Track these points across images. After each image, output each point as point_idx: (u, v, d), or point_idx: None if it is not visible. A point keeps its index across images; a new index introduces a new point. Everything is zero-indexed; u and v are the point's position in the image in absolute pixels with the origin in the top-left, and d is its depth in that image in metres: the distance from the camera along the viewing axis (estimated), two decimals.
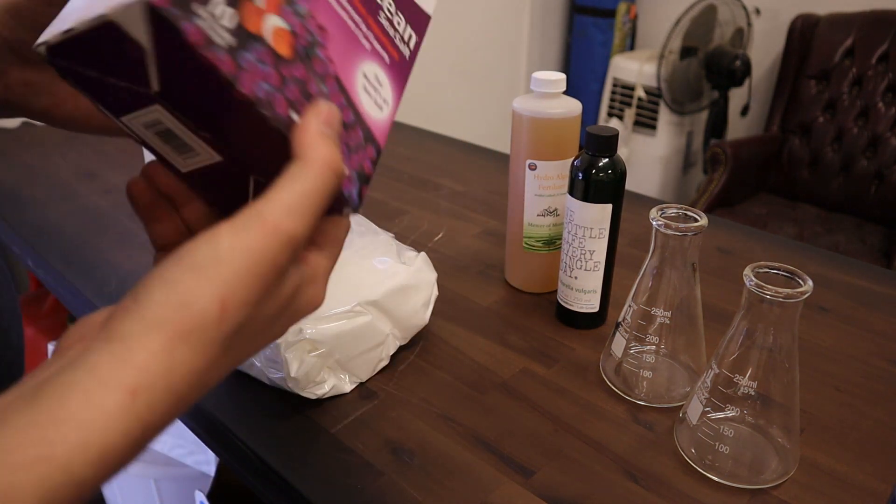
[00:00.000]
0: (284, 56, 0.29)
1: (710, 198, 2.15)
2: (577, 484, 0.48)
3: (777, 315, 0.45)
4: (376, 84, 0.35)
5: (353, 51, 0.34)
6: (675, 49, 2.35)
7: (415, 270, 0.61)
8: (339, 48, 0.33)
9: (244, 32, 0.28)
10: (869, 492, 0.48)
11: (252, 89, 0.28)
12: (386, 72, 0.36)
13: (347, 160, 0.33)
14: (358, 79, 0.34)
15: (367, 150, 0.34)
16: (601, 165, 0.58)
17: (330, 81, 0.32)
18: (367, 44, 0.35)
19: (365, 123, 0.34)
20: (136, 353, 0.25)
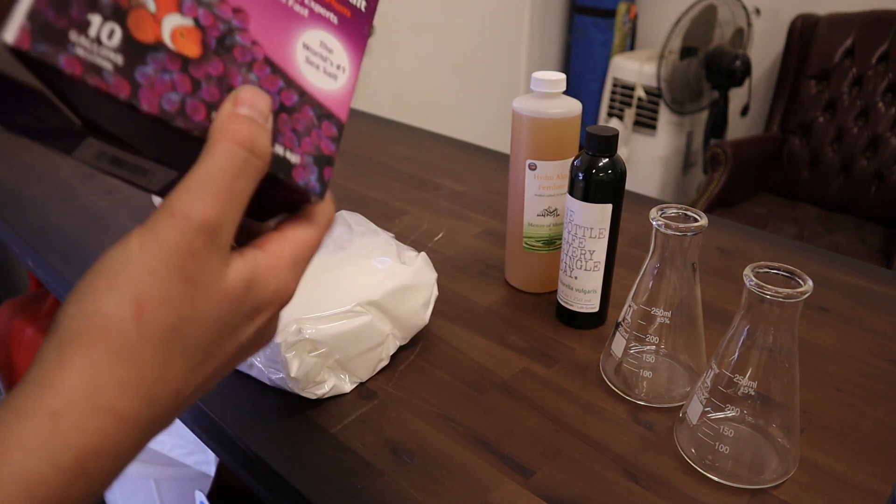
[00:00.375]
0: (192, 56, 0.27)
1: (710, 198, 2.15)
2: (577, 484, 0.48)
3: (777, 315, 0.45)
4: (323, 52, 0.32)
5: (287, 23, 0.30)
6: (675, 49, 2.35)
7: (415, 270, 0.61)
8: (266, 26, 0.30)
9: (136, 45, 0.25)
10: (869, 492, 0.48)
11: (157, 104, 0.26)
12: (336, 34, 0.32)
13: (296, 146, 0.31)
14: (297, 53, 0.31)
15: (322, 128, 0.32)
16: (601, 165, 0.58)
17: (259, 66, 0.29)
18: (303, 10, 0.31)
19: (315, 100, 0.31)
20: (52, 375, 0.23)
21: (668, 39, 2.34)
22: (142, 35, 0.26)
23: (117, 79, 0.25)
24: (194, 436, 0.59)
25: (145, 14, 0.26)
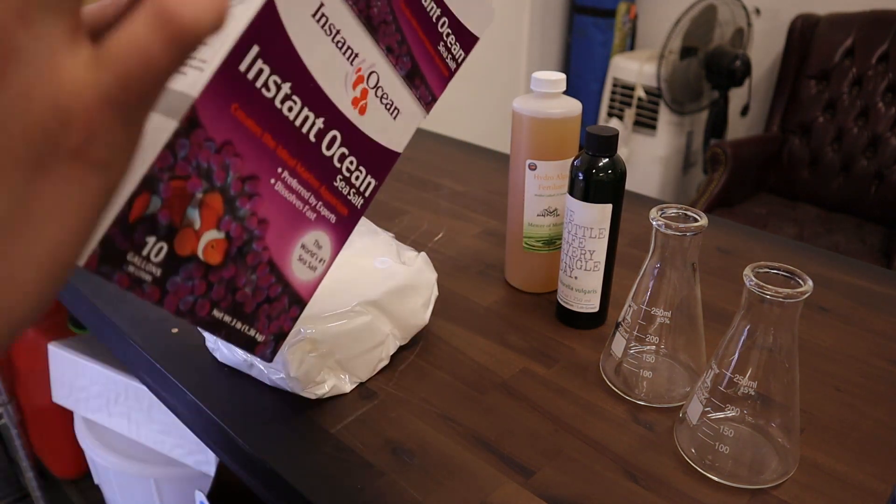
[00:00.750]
0: (214, 264, 0.31)
1: (710, 198, 2.15)
2: (577, 484, 0.48)
3: (777, 315, 0.45)
4: (314, 249, 0.37)
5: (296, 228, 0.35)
6: (675, 49, 2.35)
7: (415, 270, 0.61)
8: (279, 232, 0.34)
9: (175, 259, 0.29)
10: (869, 492, 0.48)
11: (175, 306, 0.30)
12: (329, 232, 0.37)
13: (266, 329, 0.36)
14: (294, 253, 0.36)
15: (290, 311, 0.37)
16: (601, 165, 0.58)
17: (262, 268, 0.34)
18: (312, 215, 0.36)
19: (293, 290, 0.36)
20: None
21: (668, 39, 2.34)
22: (182, 250, 0.30)
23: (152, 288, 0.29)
24: (194, 436, 0.59)
25: (190, 232, 0.30)
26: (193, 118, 0.28)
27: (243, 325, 0.35)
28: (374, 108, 0.36)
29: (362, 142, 0.36)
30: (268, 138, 0.31)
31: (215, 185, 0.30)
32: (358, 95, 0.35)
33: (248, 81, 0.30)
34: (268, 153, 0.32)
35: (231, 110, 0.29)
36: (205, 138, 0.29)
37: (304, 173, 0.34)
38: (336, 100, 0.34)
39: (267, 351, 0.37)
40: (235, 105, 0.29)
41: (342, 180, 0.36)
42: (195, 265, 0.31)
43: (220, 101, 0.29)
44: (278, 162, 0.32)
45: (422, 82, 0.39)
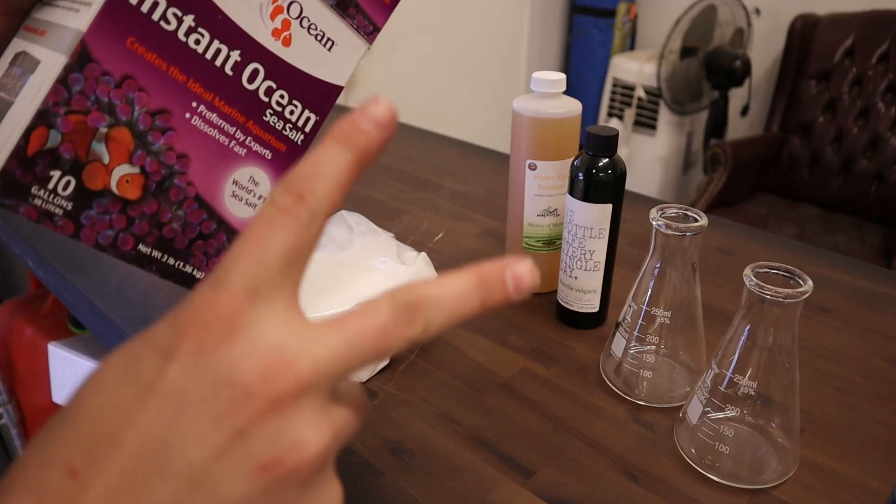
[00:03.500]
0: (132, 199, 0.32)
1: (710, 198, 2.15)
2: (577, 484, 0.48)
3: (777, 315, 0.45)
4: (251, 185, 0.36)
5: (223, 164, 0.35)
6: (675, 49, 2.35)
7: (415, 270, 0.61)
8: (204, 167, 0.34)
9: (86, 193, 0.30)
10: (869, 492, 0.48)
11: (93, 239, 0.31)
12: (266, 169, 0.37)
13: (204, 265, 0.36)
14: (226, 188, 0.35)
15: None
16: (601, 165, 0.58)
17: (188, 203, 0.34)
18: (242, 150, 0.35)
19: (230, 227, 0.36)
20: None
21: (668, 39, 2.34)
22: (92, 184, 0.30)
23: (65, 221, 0.30)
24: None
25: (99, 166, 0.30)
26: (84, 52, 0.28)
27: (176, 262, 0.35)
28: (302, 39, 0.35)
29: (291, 75, 0.35)
30: (175, 72, 0.31)
31: (120, 120, 0.30)
32: (279, 27, 0.34)
33: (143, 14, 0.29)
34: (178, 87, 0.31)
35: (127, 44, 0.29)
36: (101, 72, 0.29)
37: (223, 107, 0.33)
38: (252, 32, 0.33)
39: None
40: (132, 39, 0.29)
41: (273, 115, 0.35)
42: (110, 199, 0.31)
43: (112, 35, 0.29)
44: (191, 96, 0.32)
45: (357, 11, 0.37)
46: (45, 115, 0.28)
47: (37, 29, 0.31)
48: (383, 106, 0.24)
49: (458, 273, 0.24)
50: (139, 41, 0.30)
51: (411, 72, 2.30)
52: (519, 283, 0.24)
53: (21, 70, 0.30)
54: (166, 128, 0.31)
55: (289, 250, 0.22)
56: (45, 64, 0.29)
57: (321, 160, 0.23)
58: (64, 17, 0.30)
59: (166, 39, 0.30)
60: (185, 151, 0.33)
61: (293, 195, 0.22)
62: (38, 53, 0.29)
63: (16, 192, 0.28)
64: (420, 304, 0.23)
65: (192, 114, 0.32)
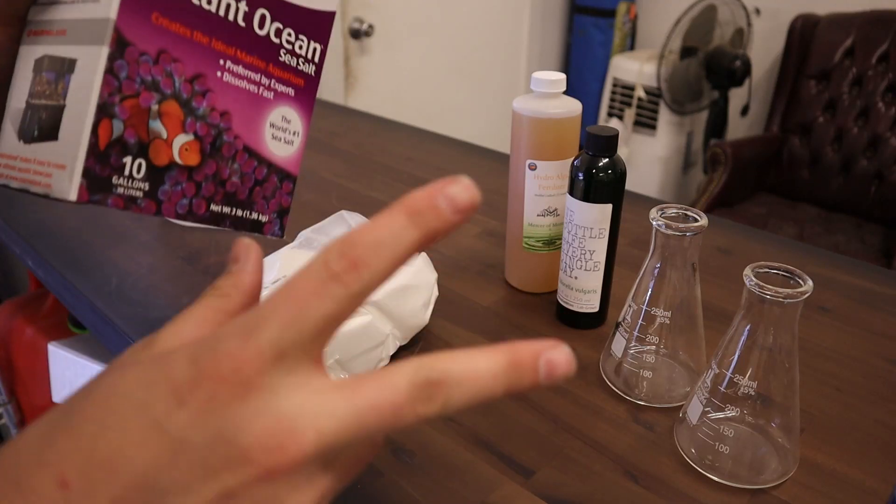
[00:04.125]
0: (194, 164, 0.33)
1: (710, 198, 2.15)
2: (577, 484, 0.48)
3: (777, 315, 0.45)
4: (284, 124, 0.38)
5: (258, 110, 0.37)
6: (675, 49, 2.35)
7: (415, 271, 0.61)
8: (244, 118, 0.36)
9: (156, 170, 0.32)
10: (869, 492, 0.48)
11: (173, 211, 0.33)
12: (293, 105, 0.39)
13: (266, 209, 0.38)
14: (266, 133, 0.37)
15: (283, 188, 0.39)
16: (601, 165, 0.58)
17: (240, 155, 0.36)
18: (269, 94, 0.37)
19: (278, 167, 0.38)
20: None
21: (668, 39, 2.34)
22: (159, 160, 0.32)
23: (147, 202, 0.31)
24: None
25: (160, 142, 0.32)
26: (121, 38, 0.29)
27: (244, 212, 0.37)
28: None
29: (292, 12, 0.37)
30: (199, 35, 0.33)
31: (166, 94, 0.31)
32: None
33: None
34: (204, 50, 0.33)
35: (153, 20, 0.31)
36: (139, 53, 0.30)
37: (245, 58, 0.35)
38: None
39: (275, 228, 0.39)
40: (156, 14, 0.31)
41: (287, 53, 0.37)
42: (178, 170, 0.33)
43: (139, 15, 0.30)
44: (217, 55, 0.33)
45: None
46: (105, 108, 0.29)
47: (49, 31, 0.32)
48: (465, 189, 0.22)
49: (489, 351, 0.23)
50: (162, 14, 0.31)
51: (411, 72, 2.30)
52: (552, 371, 0.24)
53: (54, 74, 0.31)
54: (205, 90, 0.33)
55: (329, 320, 0.22)
56: (84, 60, 0.30)
57: (385, 231, 0.22)
58: (81, 11, 0.31)
59: (183, 6, 0.32)
60: (225, 108, 0.35)
61: (348, 261, 0.21)
62: (69, 52, 0.30)
63: (101, 187, 0.29)
64: (443, 383, 0.22)
65: (222, 71, 0.34)
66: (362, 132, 1.23)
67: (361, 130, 1.24)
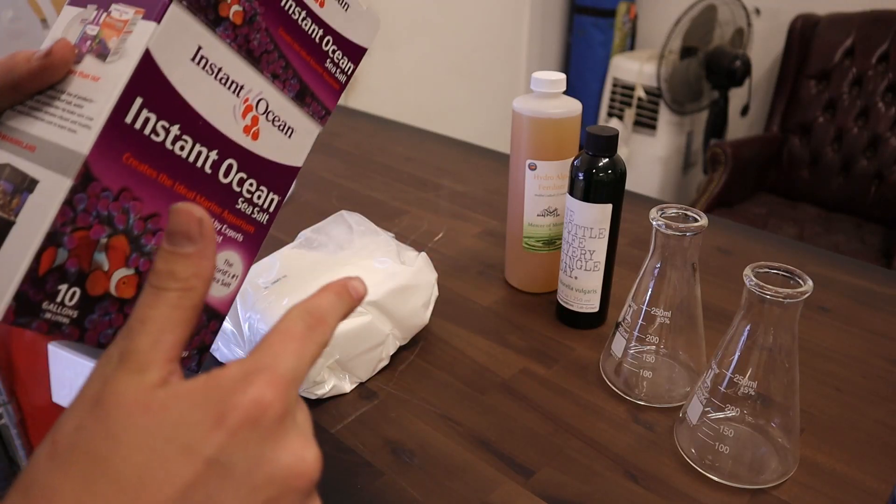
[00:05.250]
0: (129, 297, 0.33)
1: (710, 198, 2.15)
2: (577, 484, 0.48)
3: (777, 315, 0.45)
4: (226, 268, 0.38)
5: None
6: (675, 49, 2.35)
7: (415, 271, 0.61)
8: None
9: (89, 300, 0.31)
10: (869, 492, 0.48)
11: (95, 340, 0.33)
12: (238, 251, 0.39)
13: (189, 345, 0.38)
14: None
15: (209, 326, 0.39)
16: (601, 165, 0.58)
17: None
18: (219, 238, 0.37)
19: (209, 307, 0.38)
20: None
21: (668, 39, 2.34)
22: (94, 291, 0.32)
23: (71, 329, 0.31)
24: None
25: (100, 273, 0.32)
26: (87, 173, 0.29)
27: None
28: (268, 131, 0.38)
29: (259, 164, 0.38)
30: (164, 178, 0.33)
31: (118, 229, 0.31)
32: (249, 123, 0.37)
33: (136, 131, 0.31)
34: (166, 191, 0.33)
35: (123, 160, 0.31)
36: (101, 189, 0.30)
37: (204, 202, 0.35)
38: (227, 132, 0.35)
39: (192, 364, 0.39)
40: (127, 154, 0.31)
41: (244, 202, 0.38)
42: (109, 302, 0.33)
43: (111, 154, 0.30)
44: (177, 197, 0.34)
45: (313, 99, 0.41)
46: (54, 237, 0.29)
47: (20, 141, 0.32)
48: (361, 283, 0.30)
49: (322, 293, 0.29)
50: (134, 156, 0.31)
51: (411, 72, 2.30)
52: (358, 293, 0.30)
53: (12, 186, 0.30)
54: (157, 229, 0.33)
55: (313, 361, 0.28)
56: (45, 184, 0.30)
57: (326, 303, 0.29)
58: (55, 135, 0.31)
59: (156, 150, 0.32)
60: None
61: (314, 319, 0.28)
62: (33, 171, 0.30)
63: (29, 311, 0.29)
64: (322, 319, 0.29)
65: None
66: (362, 132, 1.23)
67: (361, 130, 1.24)
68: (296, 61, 0.39)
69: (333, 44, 0.41)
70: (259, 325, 0.54)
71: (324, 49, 0.40)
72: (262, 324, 0.54)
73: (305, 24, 0.39)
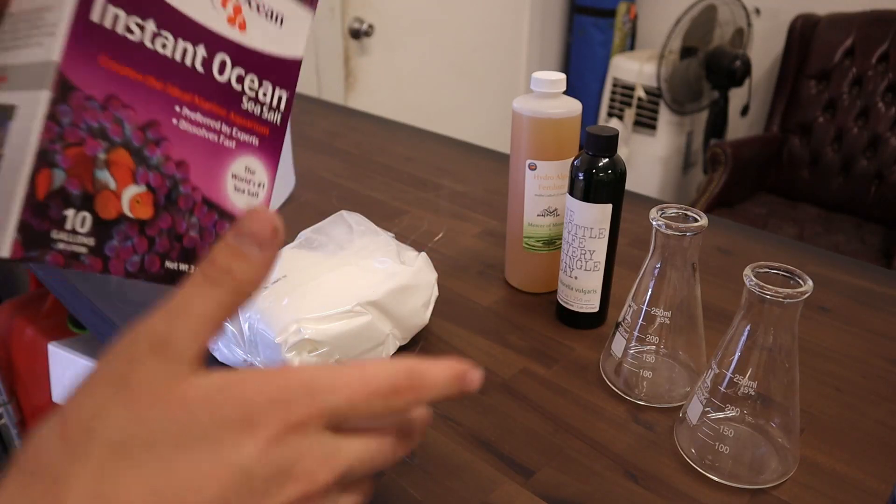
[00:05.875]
0: (147, 218, 0.31)
1: (710, 198, 2.15)
2: (577, 484, 0.48)
3: (777, 315, 0.45)
4: (248, 175, 0.36)
5: (218, 160, 0.35)
6: (675, 49, 2.35)
7: (415, 271, 0.61)
8: (203, 168, 0.34)
9: (103, 224, 0.29)
10: (869, 492, 0.48)
11: (122, 269, 0.30)
12: (257, 155, 0.37)
13: None
14: (227, 184, 0.35)
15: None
16: (601, 165, 0.58)
17: (199, 208, 0.34)
18: (231, 143, 0.35)
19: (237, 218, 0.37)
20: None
21: (668, 39, 2.34)
22: (106, 214, 0.30)
23: (91, 258, 0.29)
24: None
25: (108, 193, 0.29)
26: (64, 81, 0.27)
27: None
28: (254, 21, 0.35)
29: (255, 57, 0.35)
30: (151, 80, 0.31)
31: (115, 142, 0.29)
32: (231, 13, 0.34)
33: (107, 30, 0.29)
34: (158, 95, 0.31)
35: (100, 63, 0.29)
36: (84, 98, 0.28)
37: (204, 104, 0.33)
38: (209, 23, 0.33)
39: None
40: (103, 56, 0.29)
41: (249, 101, 0.36)
42: (127, 224, 0.30)
43: (85, 57, 0.28)
44: (172, 101, 0.31)
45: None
46: (45, 155, 0.27)
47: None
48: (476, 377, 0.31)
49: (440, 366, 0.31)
50: (111, 57, 0.29)
51: (411, 72, 2.30)
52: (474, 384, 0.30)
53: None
54: (159, 138, 0.31)
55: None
56: (24, 107, 0.28)
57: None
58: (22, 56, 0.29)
59: (134, 49, 0.30)
60: (182, 158, 0.33)
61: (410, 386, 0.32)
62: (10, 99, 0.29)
63: (38, 242, 0.27)
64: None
65: (178, 118, 0.32)
66: (362, 132, 1.23)
67: (361, 130, 1.24)
68: None
69: None
70: (259, 324, 0.54)
71: None
72: (261, 323, 0.54)
73: None
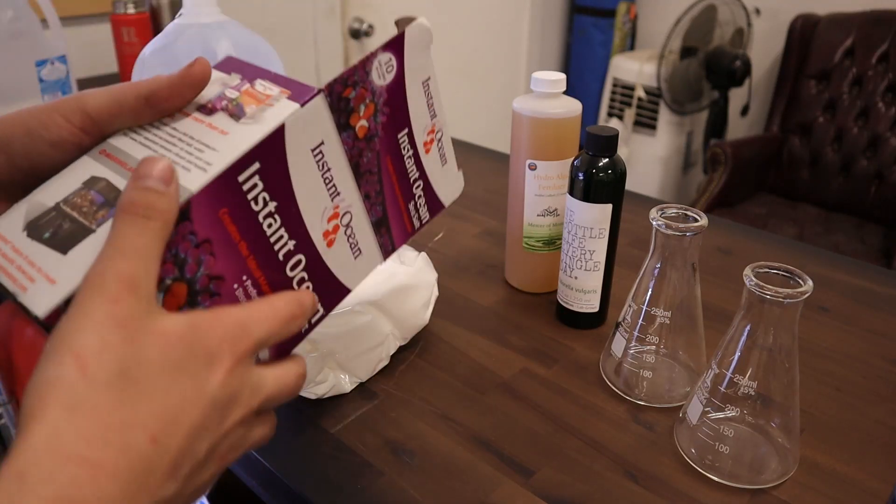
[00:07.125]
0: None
1: (710, 198, 2.15)
2: (577, 484, 0.48)
3: (777, 315, 0.45)
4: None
5: None
6: (675, 49, 2.35)
7: (415, 270, 0.61)
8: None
9: None
10: (869, 492, 0.48)
11: None
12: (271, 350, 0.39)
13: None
14: None
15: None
16: (601, 165, 0.58)
17: None
18: None
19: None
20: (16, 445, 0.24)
21: (668, 39, 2.34)
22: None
23: None
24: None
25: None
26: (186, 211, 0.30)
27: None
28: (341, 244, 0.39)
29: (323, 272, 0.38)
30: (243, 246, 0.33)
31: (185, 276, 0.32)
32: (329, 229, 0.38)
33: (242, 192, 0.32)
34: (239, 259, 0.34)
35: (219, 213, 0.32)
36: (189, 231, 0.31)
37: (264, 286, 0.35)
38: (311, 228, 0.36)
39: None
40: (225, 210, 0.32)
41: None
42: None
43: (213, 202, 0.31)
44: (246, 270, 0.34)
45: (387, 232, 0.42)
46: None
47: (124, 163, 0.33)
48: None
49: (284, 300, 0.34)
50: (229, 213, 0.32)
51: None
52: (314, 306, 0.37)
53: (103, 199, 0.31)
54: (216, 293, 0.33)
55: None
56: None
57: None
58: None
59: (249, 217, 0.33)
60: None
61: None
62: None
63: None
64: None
65: (240, 286, 0.34)
66: None
67: None
68: (388, 191, 0.41)
69: (422, 189, 0.43)
70: None
71: (413, 190, 0.43)
72: None
73: (409, 162, 0.41)
